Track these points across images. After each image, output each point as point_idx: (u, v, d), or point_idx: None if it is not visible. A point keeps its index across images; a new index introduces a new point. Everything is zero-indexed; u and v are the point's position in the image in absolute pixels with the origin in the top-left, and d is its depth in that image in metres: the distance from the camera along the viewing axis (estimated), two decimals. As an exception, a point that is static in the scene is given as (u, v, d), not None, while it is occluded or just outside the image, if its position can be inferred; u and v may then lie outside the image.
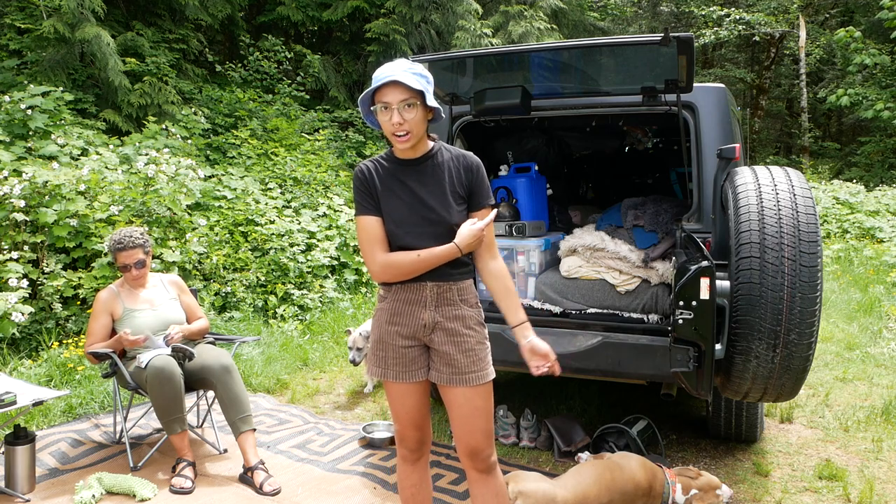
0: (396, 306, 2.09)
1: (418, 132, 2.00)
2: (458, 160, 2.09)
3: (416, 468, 2.24)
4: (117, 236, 3.39)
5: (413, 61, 2.02)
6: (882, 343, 5.69)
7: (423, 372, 2.14)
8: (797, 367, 2.52)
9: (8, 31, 7.94)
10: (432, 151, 2.09)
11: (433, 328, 2.08)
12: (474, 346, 2.08)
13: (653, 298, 3.41)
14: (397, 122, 1.95)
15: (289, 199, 7.49)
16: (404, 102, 1.94)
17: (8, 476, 2.95)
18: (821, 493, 3.10)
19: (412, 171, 2.08)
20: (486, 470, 2.13)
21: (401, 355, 2.11)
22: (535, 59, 3.11)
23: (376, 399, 4.42)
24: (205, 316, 3.65)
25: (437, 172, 2.06)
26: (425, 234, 2.04)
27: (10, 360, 4.34)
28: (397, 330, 2.09)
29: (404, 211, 2.05)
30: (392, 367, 2.12)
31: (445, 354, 2.08)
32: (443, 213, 2.04)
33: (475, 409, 2.08)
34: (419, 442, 2.21)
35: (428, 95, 1.97)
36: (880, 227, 10.95)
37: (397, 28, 11.06)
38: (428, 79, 2.00)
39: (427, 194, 2.05)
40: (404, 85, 1.92)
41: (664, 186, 5.58)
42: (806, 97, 18.82)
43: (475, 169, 2.08)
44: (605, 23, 18.42)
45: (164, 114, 8.01)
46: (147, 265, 3.44)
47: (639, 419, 3.53)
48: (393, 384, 2.14)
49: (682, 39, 2.53)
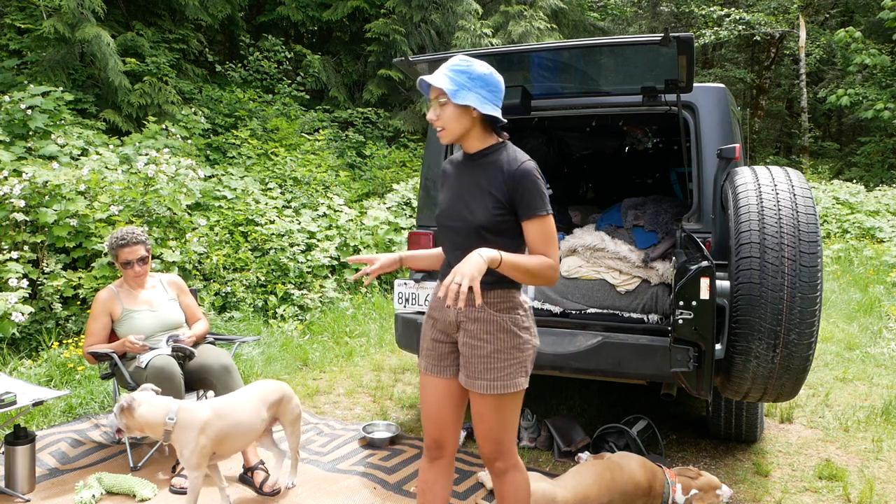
0: (435, 301, 2.18)
1: (453, 129, 2.01)
2: (507, 164, 2.01)
3: (432, 467, 2.22)
4: (119, 233, 3.39)
5: (452, 60, 2.01)
6: (882, 343, 5.69)
7: (452, 370, 2.16)
8: (797, 367, 2.53)
9: (8, 31, 7.94)
10: (489, 150, 2.07)
11: (457, 326, 2.11)
12: (490, 353, 2.03)
13: (653, 298, 3.41)
14: (432, 118, 2.02)
15: (289, 199, 7.49)
16: (437, 99, 1.99)
17: (8, 476, 2.95)
18: (821, 493, 3.10)
19: (467, 166, 2.12)
20: (496, 472, 2.16)
21: (433, 348, 2.18)
22: (535, 59, 3.11)
23: (376, 399, 4.42)
24: (204, 317, 3.65)
25: (483, 171, 2.05)
26: (455, 228, 2.07)
27: (10, 360, 4.34)
28: (433, 323, 2.19)
29: (447, 203, 2.12)
30: (425, 358, 2.20)
31: (463, 356, 2.10)
32: (474, 211, 2.02)
33: (479, 414, 2.09)
34: (435, 440, 2.20)
35: (461, 93, 1.95)
36: (880, 227, 10.95)
37: (397, 28, 11.06)
38: (471, 75, 1.97)
39: (467, 191, 2.07)
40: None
41: (664, 186, 5.58)
42: (806, 97, 18.82)
43: (520, 176, 1.97)
44: (605, 23, 18.43)
45: (164, 114, 8.02)
46: (148, 262, 3.44)
47: (639, 419, 3.53)
48: (423, 374, 2.22)
49: (682, 39, 2.53)
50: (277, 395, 2.94)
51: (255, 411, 2.81)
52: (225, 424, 2.70)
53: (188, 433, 2.61)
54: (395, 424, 3.76)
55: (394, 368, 5.14)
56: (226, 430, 2.70)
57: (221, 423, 2.69)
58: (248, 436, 2.81)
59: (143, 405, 2.65)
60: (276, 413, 2.94)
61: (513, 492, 2.16)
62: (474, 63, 2.00)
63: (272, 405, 2.91)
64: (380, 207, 8.05)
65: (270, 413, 2.90)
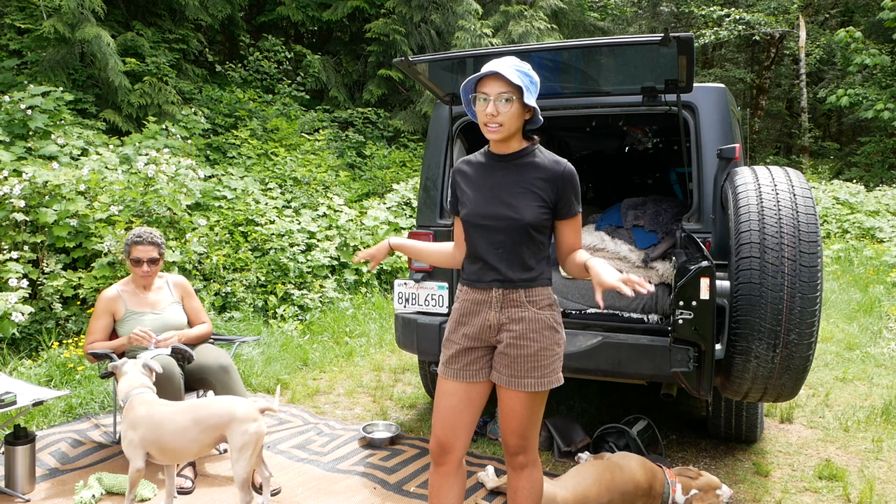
0: (466, 307, 2.16)
1: (510, 126, 2.04)
2: (551, 164, 2.09)
3: (438, 471, 2.21)
4: (136, 231, 3.41)
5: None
6: (882, 343, 5.69)
7: (480, 374, 2.16)
8: (797, 367, 2.53)
9: (8, 31, 7.95)
10: (525, 151, 2.12)
11: (498, 329, 2.11)
12: (537, 351, 2.07)
13: (653, 298, 3.41)
14: (491, 113, 2.01)
15: (289, 199, 7.49)
16: (502, 95, 2.00)
17: (8, 476, 2.95)
18: (821, 493, 3.10)
19: (499, 166, 2.13)
20: (516, 466, 2.19)
21: (463, 354, 2.16)
22: (535, 59, 3.11)
23: (376, 399, 4.42)
24: (209, 321, 3.63)
25: (523, 171, 2.09)
26: (495, 227, 2.09)
27: (10, 360, 4.34)
28: (464, 331, 2.16)
29: (479, 202, 2.12)
30: (450, 365, 2.18)
31: (506, 356, 2.10)
32: (521, 210, 2.06)
33: (514, 411, 2.12)
34: (441, 444, 2.18)
35: (527, 94, 2.00)
36: (880, 227, 10.95)
37: (397, 28, 11.06)
38: (532, 79, 2.04)
39: (507, 190, 2.09)
40: (505, 78, 1.98)
41: (664, 186, 5.58)
42: (806, 97, 18.82)
43: (568, 177, 2.08)
44: (605, 23, 18.43)
45: (164, 114, 8.02)
46: (158, 266, 3.43)
47: (639, 419, 3.53)
48: (443, 379, 2.20)
49: (682, 39, 2.53)
50: (220, 420, 2.59)
51: (184, 428, 2.58)
52: (154, 430, 2.58)
53: (125, 422, 2.64)
54: (395, 424, 3.76)
55: (394, 368, 5.14)
56: (153, 436, 2.58)
57: (150, 426, 2.58)
58: (180, 451, 2.61)
59: (125, 377, 2.74)
60: (219, 436, 2.62)
61: (529, 487, 2.20)
62: (529, 67, 2.06)
63: (211, 428, 2.60)
64: (380, 207, 8.05)
65: (208, 435, 2.60)
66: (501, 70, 1.98)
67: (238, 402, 2.68)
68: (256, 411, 2.64)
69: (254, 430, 2.58)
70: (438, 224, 3.61)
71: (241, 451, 2.56)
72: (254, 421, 2.60)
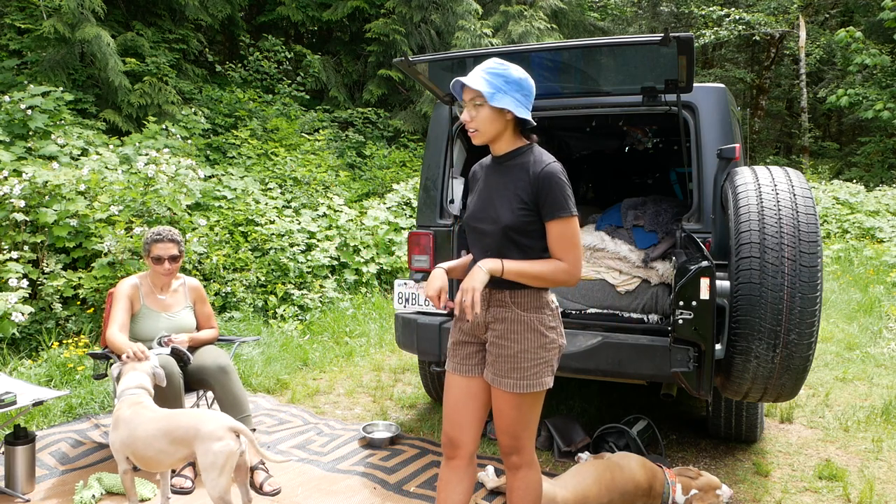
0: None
1: (486, 130, 2.04)
2: (533, 165, 2.02)
3: (447, 465, 2.23)
4: (156, 229, 3.40)
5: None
6: (882, 343, 5.69)
7: (476, 369, 2.19)
8: (797, 367, 2.53)
9: (8, 31, 7.95)
10: (517, 152, 2.10)
11: (486, 327, 2.14)
12: (517, 353, 2.06)
13: (653, 298, 3.41)
14: (466, 119, 2.05)
15: (289, 199, 7.49)
16: (473, 101, 2.02)
17: (8, 476, 2.95)
18: (821, 493, 3.10)
19: (495, 168, 2.15)
20: (510, 466, 2.20)
21: (459, 348, 2.22)
22: (535, 59, 3.12)
23: (376, 399, 4.42)
24: (217, 327, 3.64)
25: (510, 173, 2.09)
26: (483, 230, 2.10)
27: (10, 360, 4.34)
28: (460, 325, 2.22)
29: (476, 205, 2.15)
30: (451, 358, 2.24)
31: (490, 355, 2.13)
32: (500, 211, 2.05)
33: (501, 410, 2.13)
34: (450, 439, 2.20)
35: (498, 95, 1.97)
36: (880, 227, 10.95)
37: (397, 28, 11.06)
38: (508, 79, 2.00)
39: (496, 192, 2.10)
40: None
41: (664, 186, 5.58)
42: (806, 97, 18.82)
43: (544, 177, 1.98)
44: (605, 23, 18.43)
45: (164, 114, 8.02)
46: (178, 263, 3.42)
47: (639, 419, 3.53)
48: (448, 374, 2.26)
49: (682, 39, 2.53)
50: (186, 434, 2.44)
51: (153, 437, 2.48)
52: (130, 434, 2.52)
53: (112, 421, 2.63)
54: (395, 424, 3.76)
55: (394, 368, 5.14)
56: (129, 440, 2.52)
57: (129, 429, 2.53)
58: (150, 460, 2.51)
59: (125, 377, 2.75)
60: (188, 451, 2.46)
61: (523, 488, 2.19)
62: (510, 67, 2.03)
63: (178, 441, 2.46)
64: (380, 207, 8.05)
65: (176, 448, 2.47)
66: (465, 78, 2.00)
67: (207, 418, 2.49)
68: (224, 429, 2.43)
69: (218, 448, 2.38)
70: (438, 224, 3.61)
71: (207, 470, 2.38)
72: (219, 440, 2.39)
